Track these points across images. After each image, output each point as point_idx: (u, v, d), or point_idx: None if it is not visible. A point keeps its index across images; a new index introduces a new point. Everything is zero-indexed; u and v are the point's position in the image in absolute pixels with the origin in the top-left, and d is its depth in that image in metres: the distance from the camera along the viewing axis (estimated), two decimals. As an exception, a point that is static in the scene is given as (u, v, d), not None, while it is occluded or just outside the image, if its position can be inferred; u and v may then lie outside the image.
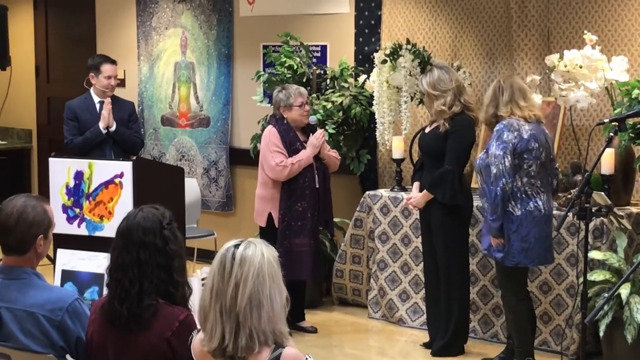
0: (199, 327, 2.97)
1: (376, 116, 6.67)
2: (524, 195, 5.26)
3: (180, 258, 3.26)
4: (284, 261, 3.10)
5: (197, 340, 2.92)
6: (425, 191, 5.73)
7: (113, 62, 6.92)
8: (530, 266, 5.50)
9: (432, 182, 5.69)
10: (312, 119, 6.36)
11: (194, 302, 3.24)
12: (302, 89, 6.31)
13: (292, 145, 6.16)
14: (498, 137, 5.26)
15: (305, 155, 6.13)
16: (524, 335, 5.46)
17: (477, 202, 5.90)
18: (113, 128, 6.73)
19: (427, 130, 5.92)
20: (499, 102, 5.35)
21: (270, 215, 6.20)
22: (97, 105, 6.85)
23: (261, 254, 2.77)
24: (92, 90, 6.91)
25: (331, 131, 6.81)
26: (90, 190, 5.99)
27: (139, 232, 3.20)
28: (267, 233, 6.10)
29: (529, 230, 5.25)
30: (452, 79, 5.73)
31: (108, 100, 6.75)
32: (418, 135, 6.31)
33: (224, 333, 2.75)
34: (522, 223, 5.24)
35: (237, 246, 2.78)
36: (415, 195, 5.82)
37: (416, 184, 5.92)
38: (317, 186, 6.20)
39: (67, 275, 4.88)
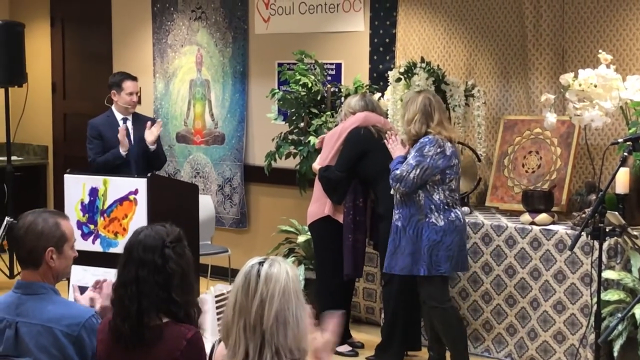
0: (211, 340, 2.95)
1: (390, 134, 6.67)
2: (445, 207, 5.41)
3: (183, 277, 3.21)
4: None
5: (220, 354, 2.90)
6: None
7: (134, 78, 6.97)
8: (450, 274, 5.59)
9: None
10: None
11: (207, 318, 3.23)
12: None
13: None
14: (419, 149, 5.40)
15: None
16: (459, 343, 5.55)
17: (492, 221, 5.93)
18: (153, 147, 6.79)
19: None
20: (431, 120, 5.44)
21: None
22: (120, 123, 6.88)
23: (286, 272, 2.73)
24: (114, 108, 6.96)
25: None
26: (105, 207, 6.02)
27: (139, 249, 3.19)
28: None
29: (452, 239, 5.41)
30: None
31: (123, 127, 6.78)
32: None
33: (247, 350, 2.69)
34: (446, 233, 5.40)
35: (261, 263, 2.74)
36: None
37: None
38: None
39: (81, 292, 4.89)
